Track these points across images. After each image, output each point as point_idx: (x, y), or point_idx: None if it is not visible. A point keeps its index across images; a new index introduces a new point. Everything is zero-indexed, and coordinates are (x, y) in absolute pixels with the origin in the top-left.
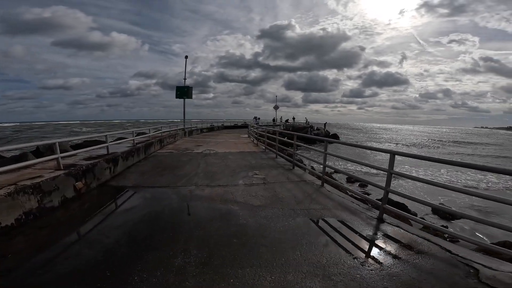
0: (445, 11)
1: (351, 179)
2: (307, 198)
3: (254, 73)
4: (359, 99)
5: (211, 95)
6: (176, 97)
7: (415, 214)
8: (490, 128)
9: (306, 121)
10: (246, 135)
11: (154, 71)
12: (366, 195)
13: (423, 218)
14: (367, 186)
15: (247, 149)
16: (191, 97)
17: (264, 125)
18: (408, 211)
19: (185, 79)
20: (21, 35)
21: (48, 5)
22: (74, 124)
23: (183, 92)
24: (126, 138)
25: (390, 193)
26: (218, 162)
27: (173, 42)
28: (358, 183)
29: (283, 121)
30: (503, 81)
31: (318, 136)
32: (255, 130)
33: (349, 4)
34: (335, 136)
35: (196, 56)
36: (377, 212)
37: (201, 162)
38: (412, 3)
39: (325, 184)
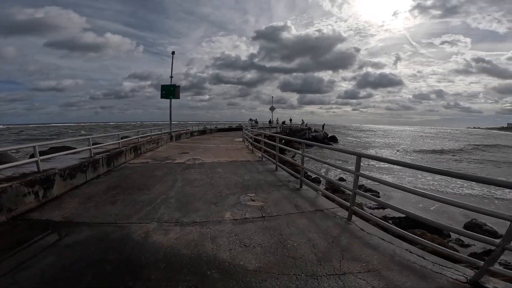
0: (437, 12)
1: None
2: (333, 249)
3: (250, 75)
4: (354, 100)
5: (207, 97)
6: (162, 97)
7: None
8: (482, 128)
9: (303, 123)
10: (241, 139)
11: (148, 72)
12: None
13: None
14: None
15: (240, 157)
16: (178, 97)
17: (259, 127)
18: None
19: (171, 77)
20: (13, 36)
21: (41, 5)
22: (71, 126)
23: (169, 91)
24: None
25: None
26: (201, 179)
27: (168, 43)
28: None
29: (280, 122)
30: (494, 81)
31: (316, 138)
32: (250, 134)
33: (344, 5)
34: (334, 139)
35: (191, 57)
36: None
37: (178, 178)
38: (406, 5)
39: (353, 217)
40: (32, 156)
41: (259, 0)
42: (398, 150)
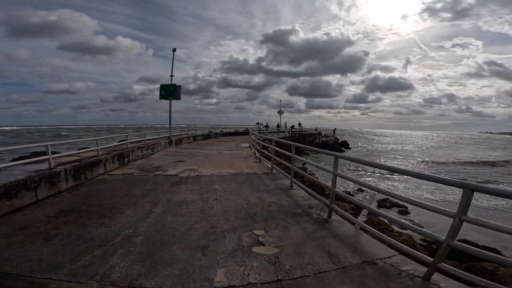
0: (448, 15)
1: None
2: None
3: (257, 78)
4: (362, 105)
5: (214, 100)
6: (160, 98)
7: None
8: (494, 133)
9: (315, 129)
10: (247, 145)
11: (157, 76)
12: None
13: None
14: None
15: (245, 168)
16: (178, 98)
17: (267, 131)
18: None
19: (171, 75)
20: (26, 38)
21: (54, 8)
22: (82, 128)
23: (169, 91)
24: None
25: None
26: (192, 200)
27: (176, 47)
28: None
29: (288, 126)
30: (507, 85)
31: (327, 144)
32: (258, 139)
33: (352, 9)
34: (345, 144)
35: (199, 61)
36: None
37: (161, 200)
38: (415, 8)
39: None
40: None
41: (266, 4)
42: (439, 163)
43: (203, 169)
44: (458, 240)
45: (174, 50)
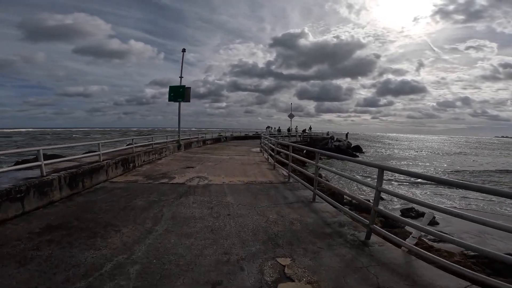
0: (461, 17)
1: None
2: None
3: (267, 82)
4: (373, 108)
5: (224, 104)
6: (169, 100)
7: None
8: (510, 137)
9: (327, 133)
10: (258, 149)
11: (168, 79)
12: None
13: None
14: None
15: (259, 176)
16: (188, 100)
17: (279, 135)
18: None
19: (181, 77)
20: (43, 41)
21: (70, 12)
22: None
23: (178, 93)
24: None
25: None
26: (200, 216)
27: (187, 51)
28: None
29: (299, 130)
30: None
31: (339, 148)
32: (270, 144)
33: (362, 12)
34: (358, 149)
35: (209, 64)
36: None
37: (165, 214)
38: (426, 10)
39: None
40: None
41: (275, 9)
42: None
43: (213, 176)
44: None
45: (183, 50)
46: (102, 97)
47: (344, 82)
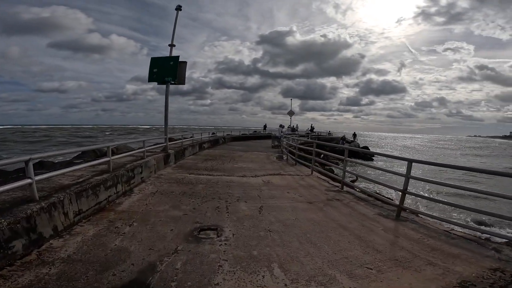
0: (441, 19)
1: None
2: None
3: (253, 80)
4: (356, 107)
5: (208, 101)
6: (150, 80)
7: None
8: (483, 136)
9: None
10: (270, 153)
11: None
12: None
13: None
14: None
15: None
16: (183, 82)
17: (294, 135)
18: None
19: (172, 45)
20: (17, 35)
21: (47, 4)
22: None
23: (166, 69)
24: None
25: None
26: None
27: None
28: None
29: (303, 129)
30: (497, 89)
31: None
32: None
33: (348, 12)
34: (367, 149)
35: (194, 61)
36: None
37: None
38: (409, 12)
39: None
40: None
41: (261, 8)
42: None
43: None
44: None
45: (178, 7)
46: (79, 93)
47: (328, 81)
